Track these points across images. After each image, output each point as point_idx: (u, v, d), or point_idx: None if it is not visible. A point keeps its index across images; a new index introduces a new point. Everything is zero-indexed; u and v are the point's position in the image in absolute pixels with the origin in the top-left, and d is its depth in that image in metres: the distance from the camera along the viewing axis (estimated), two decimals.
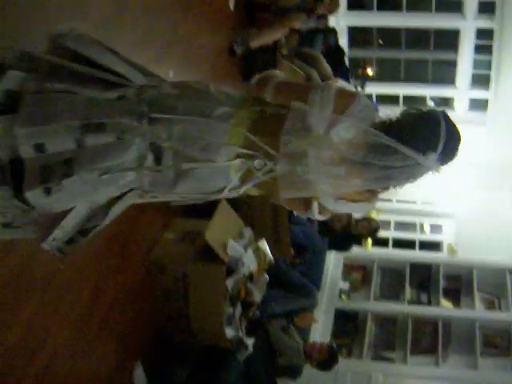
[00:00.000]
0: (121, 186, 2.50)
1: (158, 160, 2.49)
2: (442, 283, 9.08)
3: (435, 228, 11.27)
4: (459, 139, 2.56)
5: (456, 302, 9.14)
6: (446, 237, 10.92)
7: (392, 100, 11.85)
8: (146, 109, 2.50)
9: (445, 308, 8.85)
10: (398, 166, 2.38)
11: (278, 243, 5.58)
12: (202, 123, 2.49)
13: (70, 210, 2.52)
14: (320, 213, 2.66)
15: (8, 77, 2.43)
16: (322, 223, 7.09)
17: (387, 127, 2.43)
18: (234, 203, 5.25)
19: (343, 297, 8.86)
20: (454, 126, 2.52)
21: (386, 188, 2.56)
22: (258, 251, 4.95)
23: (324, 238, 7.17)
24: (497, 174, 11.26)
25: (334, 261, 8.91)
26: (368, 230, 7.66)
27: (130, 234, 4.42)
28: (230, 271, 4.71)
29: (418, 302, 9.02)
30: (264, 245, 5.10)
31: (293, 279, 6.52)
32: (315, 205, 2.61)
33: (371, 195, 2.63)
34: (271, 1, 7.12)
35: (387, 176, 2.41)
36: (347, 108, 2.40)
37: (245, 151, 2.48)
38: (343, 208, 2.61)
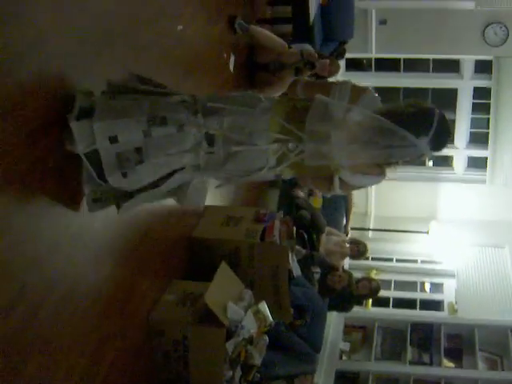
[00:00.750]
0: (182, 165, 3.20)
1: (210, 146, 3.18)
2: (443, 343, 8.99)
3: (436, 287, 11.22)
4: (449, 132, 3.19)
5: (458, 361, 9.04)
6: (446, 295, 10.85)
7: None
8: (200, 106, 3.20)
9: (447, 368, 8.76)
10: (397, 145, 3.01)
11: (278, 305, 5.55)
12: (248, 114, 3.18)
13: None
14: (341, 188, 3.21)
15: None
16: (322, 284, 7.07)
17: (390, 114, 3.07)
18: (234, 265, 5.25)
19: (344, 357, 8.78)
20: (447, 122, 3.14)
21: (389, 164, 3.19)
22: (258, 314, 4.92)
23: (324, 299, 7.14)
24: (497, 231, 11.25)
25: (334, 321, 8.85)
26: (368, 289, 7.64)
27: (130, 295, 4.40)
28: (230, 334, 4.67)
29: (420, 362, 8.91)
30: (264, 307, 5.07)
31: (293, 343, 6.47)
32: (336, 180, 3.16)
33: (380, 170, 3.23)
34: (272, 58, 7.17)
35: (388, 154, 3.07)
36: (359, 98, 3.16)
37: (281, 136, 3.13)
38: (359, 180, 3.23)
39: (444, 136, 3.15)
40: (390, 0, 10.53)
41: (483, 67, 10.89)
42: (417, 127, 3.01)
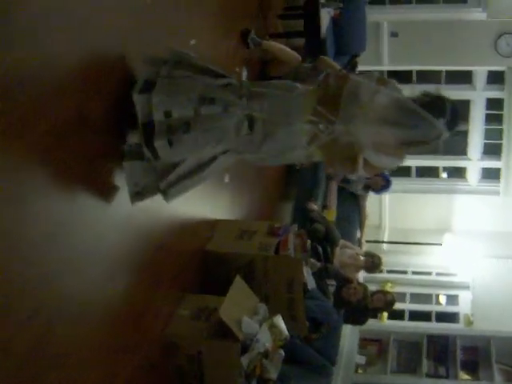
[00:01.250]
0: (221, 146, 3.59)
1: (251, 126, 3.56)
2: (459, 355, 8.94)
3: (451, 299, 11.16)
4: (460, 114, 3.73)
5: (474, 374, 8.98)
6: (462, 308, 10.79)
7: (405, 171, 11.87)
8: (245, 90, 3.62)
9: (463, 381, 8.71)
10: (419, 125, 3.41)
11: (293, 319, 5.53)
12: (286, 98, 3.61)
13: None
14: (364, 169, 3.57)
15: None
16: (337, 297, 7.05)
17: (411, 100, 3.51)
18: (249, 279, 5.24)
19: (360, 371, 8.75)
20: (457, 107, 3.73)
21: (410, 145, 3.55)
22: (273, 328, 4.90)
23: (339, 312, 7.11)
24: (510, 242, 11.20)
25: (349, 334, 8.82)
26: (383, 302, 7.59)
27: (145, 310, 4.40)
28: (245, 348, 4.66)
29: (436, 376, 8.86)
30: (279, 321, 5.06)
31: (309, 356, 6.45)
32: (361, 160, 3.50)
33: (400, 152, 3.60)
34: (286, 71, 7.18)
35: (411, 134, 3.46)
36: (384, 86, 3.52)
37: (313, 118, 3.50)
38: (381, 160, 3.53)
39: (457, 118, 3.68)
40: (401, 13, 10.54)
41: (496, 78, 10.86)
42: (434, 112, 3.43)
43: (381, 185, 8.68)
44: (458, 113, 3.71)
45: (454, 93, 10.87)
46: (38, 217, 3.04)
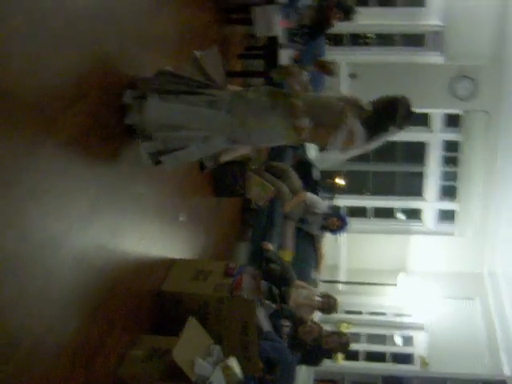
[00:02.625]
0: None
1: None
2: None
3: (406, 340, 11.20)
4: (410, 114, 4.27)
5: None
6: (417, 349, 10.84)
7: (361, 212, 11.97)
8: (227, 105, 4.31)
9: None
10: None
11: (248, 359, 5.49)
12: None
13: None
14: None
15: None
16: (292, 338, 7.01)
17: (367, 118, 4.23)
18: (203, 320, 5.20)
19: None
20: (409, 106, 4.27)
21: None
22: (226, 370, 4.86)
23: (294, 353, 7.07)
24: (467, 283, 11.30)
25: (304, 375, 8.78)
26: (338, 344, 7.56)
27: (97, 350, 4.33)
28: None
29: None
30: (233, 362, 5.01)
31: None
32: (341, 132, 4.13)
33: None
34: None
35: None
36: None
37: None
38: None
39: (408, 118, 4.27)
40: (360, 54, 10.68)
41: (452, 121, 11.03)
42: (387, 121, 4.22)
43: (337, 225, 8.69)
44: (409, 111, 4.28)
45: (411, 135, 11.04)
46: None
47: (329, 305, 8.07)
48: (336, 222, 8.70)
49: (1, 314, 3.11)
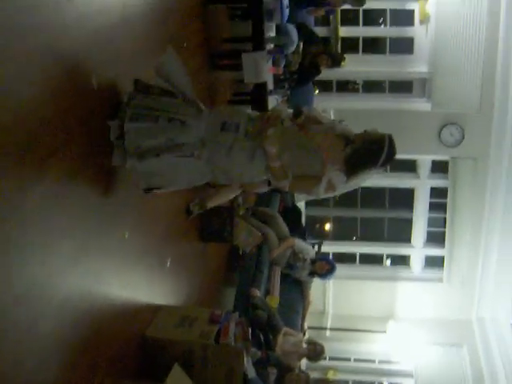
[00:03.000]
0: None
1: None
2: None
3: None
4: (394, 155, 4.29)
5: None
6: None
7: (349, 258, 11.95)
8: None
9: None
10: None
11: None
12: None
13: None
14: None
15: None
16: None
17: (350, 155, 4.15)
18: (188, 367, 5.14)
19: None
20: (393, 145, 4.30)
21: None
22: None
23: None
24: (455, 330, 11.26)
25: None
26: None
27: None
28: None
29: None
30: None
31: None
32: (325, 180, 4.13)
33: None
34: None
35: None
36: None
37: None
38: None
39: (391, 157, 4.25)
40: (348, 101, 10.73)
41: (440, 167, 11.08)
42: (370, 162, 4.19)
43: (326, 269, 8.66)
44: (393, 150, 4.27)
45: (398, 181, 11.06)
46: None
47: (316, 352, 8.01)
48: (325, 265, 8.67)
49: None
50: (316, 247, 10.25)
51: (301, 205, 10.96)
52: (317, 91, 9.32)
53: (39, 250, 3.50)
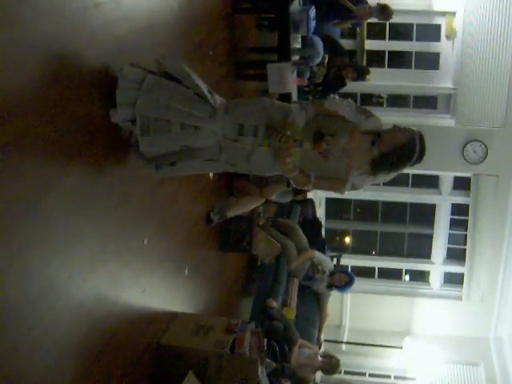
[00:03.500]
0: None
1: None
2: None
3: None
4: (424, 154, 4.00)
5: None
6: None
7: (368, 272, 11.91)
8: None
9: None
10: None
11: None
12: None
13: None
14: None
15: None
16: None
17: (379, 160, 3.96)
18: (202, 376, 5.12)
19: None
20: (424, 143, 4.01)
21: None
22: None
23: None
24: (472, 348, 11.18)
25: None
26: None
27: None
28: None
29: None
30: None
31: None
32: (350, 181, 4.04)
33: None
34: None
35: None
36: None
37: None
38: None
39: (421, 157, 3.98)
40: None
41: (462, 184, 11.02)
42: (402, 163, 3.99)
43: (344, 281, 8.61)
44: (424, 149, 3.98)
45: (420, 197, 11.01)
46: None
47: (331, 365, 7.98)
48: (343, 277, 8.62)
49: None
50: (335, 260, 10.23)
51: (321, 217, 10.94)
52: None
53: (58, 252, 3.51)
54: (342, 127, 4.01)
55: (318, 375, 8.80)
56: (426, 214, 11.61)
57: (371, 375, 11.45)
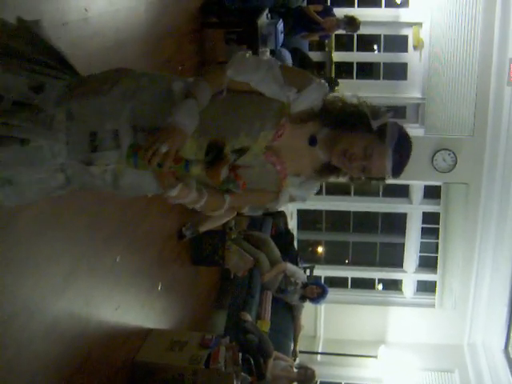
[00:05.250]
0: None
1: None
2: None
3: None
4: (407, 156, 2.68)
5: None
6: None
7: (341, 282, 11.93)
8: None
9: None
10: None
11: None
12: None
13: None
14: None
15: None
16: None
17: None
18: None
19: None
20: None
21: None
22: None
23: None
24: (447, 355, 11.23)
25: None
26: None
27: None
28: None
29: None
30: None
31: None
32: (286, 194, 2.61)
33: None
34: None
35: None
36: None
37: None
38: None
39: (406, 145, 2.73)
40: None
41: (432, 192, 11.09)
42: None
43: (316, 293, 8.62)
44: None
45: (391, 206, 11.07)
46: None
47: (306, 376, 7.99)
48: (315, 289, 8.63)
49: None
50: (308, 271, 10.25)
51: (293, 229, 10.96)
52: None
53: (30, 273, 3.49)
54: (260, 113, 2.47)
55: None
56: (397, 223, 11.66)
57: None
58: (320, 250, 12.37)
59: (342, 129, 2.53)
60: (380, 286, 12.12)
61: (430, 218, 11.35)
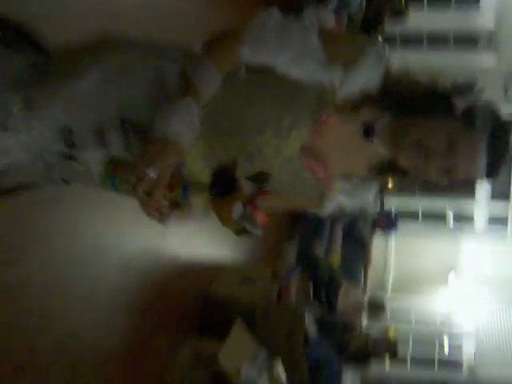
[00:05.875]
0: None
1: None
2: None
3: (454, 346, 11.03)
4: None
5: None
6: (465, 355, 10.67)
7: (411, 215, 11.81)
8: None
9: None
10: None
11: (293, 366, 5.45)
12: None
13: None
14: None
15: None
16: (337, 345, 6.93)
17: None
18: (249, 325, 5.16)
19: None
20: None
21: None
22: (272, 378, 4.82)
23: (341, 358, 7.00)
24: None
25: (350, 382, 8.69)
26: (386, 349, 7.47)
27: (143, 354, 4.30)
28: None
29: None
30: (278, 367, 4.97)
31: None
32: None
33: None
34: None
35: None
36: None
37: None
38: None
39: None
40: (411, 57, 10.54)
41: None
42: None
43: (387, 224, 8.60)
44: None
45: None
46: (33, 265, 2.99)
47: (377, 309, 8.00)
48: (386, 220, 8.60)
49: (48, 325, 3.11)
50: (379, 202, 10.19)
51: None
52: None
53: (103, 207, 3.53)
54: (291, 103, 1.83)
55: (364, 319, 8.85)
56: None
57: (417, 322, 11.44)
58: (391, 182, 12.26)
59: (412, 115, 1.82)
60: (451, 218, 11.96)
61: None
